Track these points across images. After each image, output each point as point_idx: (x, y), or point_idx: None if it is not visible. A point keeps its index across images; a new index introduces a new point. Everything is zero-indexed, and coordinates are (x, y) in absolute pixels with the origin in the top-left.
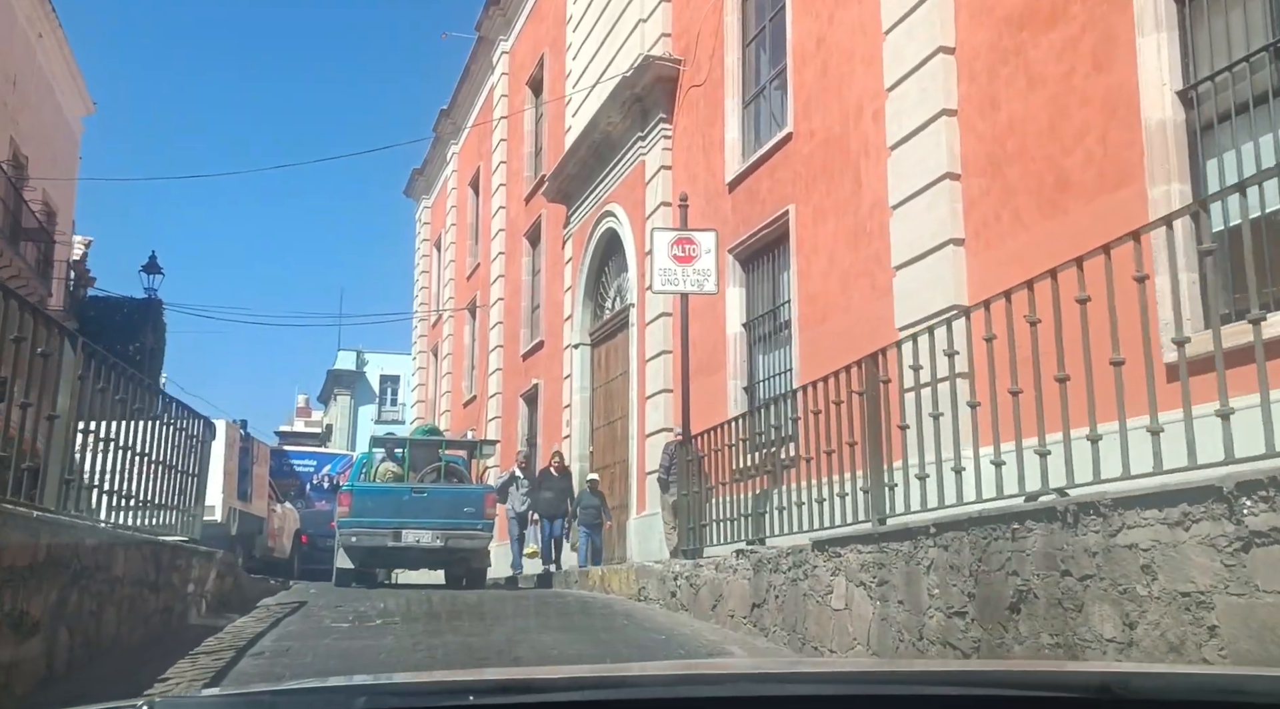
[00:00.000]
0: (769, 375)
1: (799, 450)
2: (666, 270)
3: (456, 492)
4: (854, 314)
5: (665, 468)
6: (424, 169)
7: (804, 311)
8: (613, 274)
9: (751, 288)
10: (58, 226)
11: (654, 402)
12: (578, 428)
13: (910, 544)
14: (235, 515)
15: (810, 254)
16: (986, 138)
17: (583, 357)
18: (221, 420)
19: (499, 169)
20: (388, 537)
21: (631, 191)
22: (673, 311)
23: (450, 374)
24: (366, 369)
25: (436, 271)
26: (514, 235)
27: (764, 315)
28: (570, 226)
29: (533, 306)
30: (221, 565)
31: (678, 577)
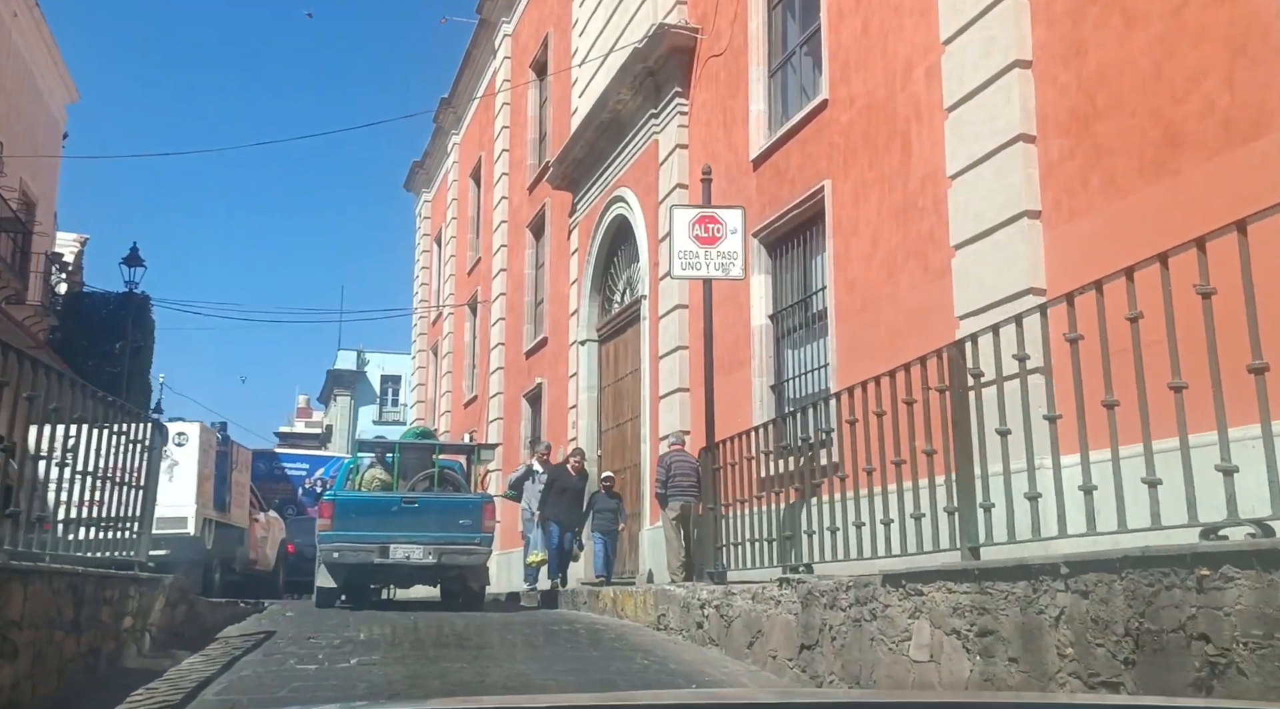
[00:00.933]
0: (799, 372)
1: (854, 460)
2: (687, 253)
3: (451, 502)
4: (903, 302)
5: (662, 482)
6: (424, 162)
7: (842, 300)
8: (622, 265)
9: (779, 275)
10: (37, 218)
11: (668, 402)
12: (585, 430)
13: (1028, 586)
14: (211, 527)
15: (849, 235)
16: (1070, 90)
17: (590, 354)
18: (195, 423)
19: (501, 158)
20: (373, 552)
21: (644, 174)
22: (689, 303)
23: (450, 373)
24: (367, 369)
25: (437, 267)
26: (516, 227)
27: (794, 306)
28: (576, 215)
29: (536, 302)
30: (171, 592)
31: (705, 605)
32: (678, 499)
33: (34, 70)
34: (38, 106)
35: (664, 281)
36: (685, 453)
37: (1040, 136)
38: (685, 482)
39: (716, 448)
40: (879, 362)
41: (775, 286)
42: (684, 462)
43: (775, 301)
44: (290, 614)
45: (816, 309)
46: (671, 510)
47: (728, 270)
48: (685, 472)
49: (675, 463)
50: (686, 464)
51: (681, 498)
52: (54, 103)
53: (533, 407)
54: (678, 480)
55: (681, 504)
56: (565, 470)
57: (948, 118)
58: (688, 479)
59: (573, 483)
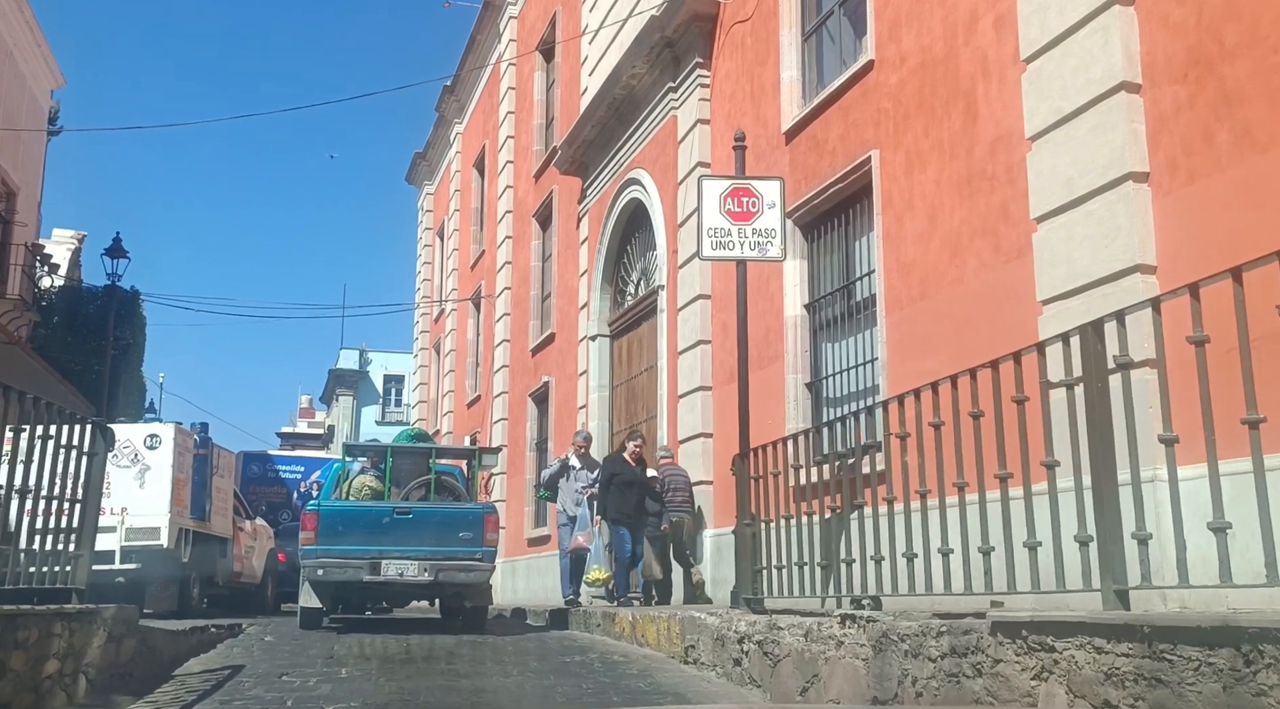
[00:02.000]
0: (840, 368)
1: (939, 472)
2: (718, 231)
3: (449, 512)
4: (969, 285)
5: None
6: (426, 153)
7: (893, 286)
8: (637, 253)
9: (816, 259)
10: (18, 209)
11: (689, 402)
12: (596, 431)
13: (1234, 654)
14: (189, 538)
15: (901, 212)
16: (1188, 29)
17: (601, 350)
18: (169, 424)
19: (506, 145)
20: (363, 569)
21: (660, 154)
22: (711, 293)
23: (453, 372)
24: (370, 369)
25: (439, 262)
26: (522, 217)
27: (833, 294)
28: (586, 201)
29: (543, 296)
30: (114, 624)
31: (744, 639)
32: (672, 513)
33: (15, 53)
34: (19, 91)
35: (684, 270)
36: (676, 467)
37: (1147, 85)
38: (679, 497)
39: (752, 454)
40: (941, 355)
41: (811, 272)
42: (676, 476)
43: (811, 289)
44: (269, 638)
45: (860, 297)
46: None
47: (764, 250)
48: (678, 486)
49: (669, 477)
50: (680, 479)
51: (675, 513)
52: (38, 88)
53: (539, 407)
54: (670, 496)
55: (675, 520)
56: (624, 460)
57: (1025, 70)
58: (681, 494)
59: (637, 475)
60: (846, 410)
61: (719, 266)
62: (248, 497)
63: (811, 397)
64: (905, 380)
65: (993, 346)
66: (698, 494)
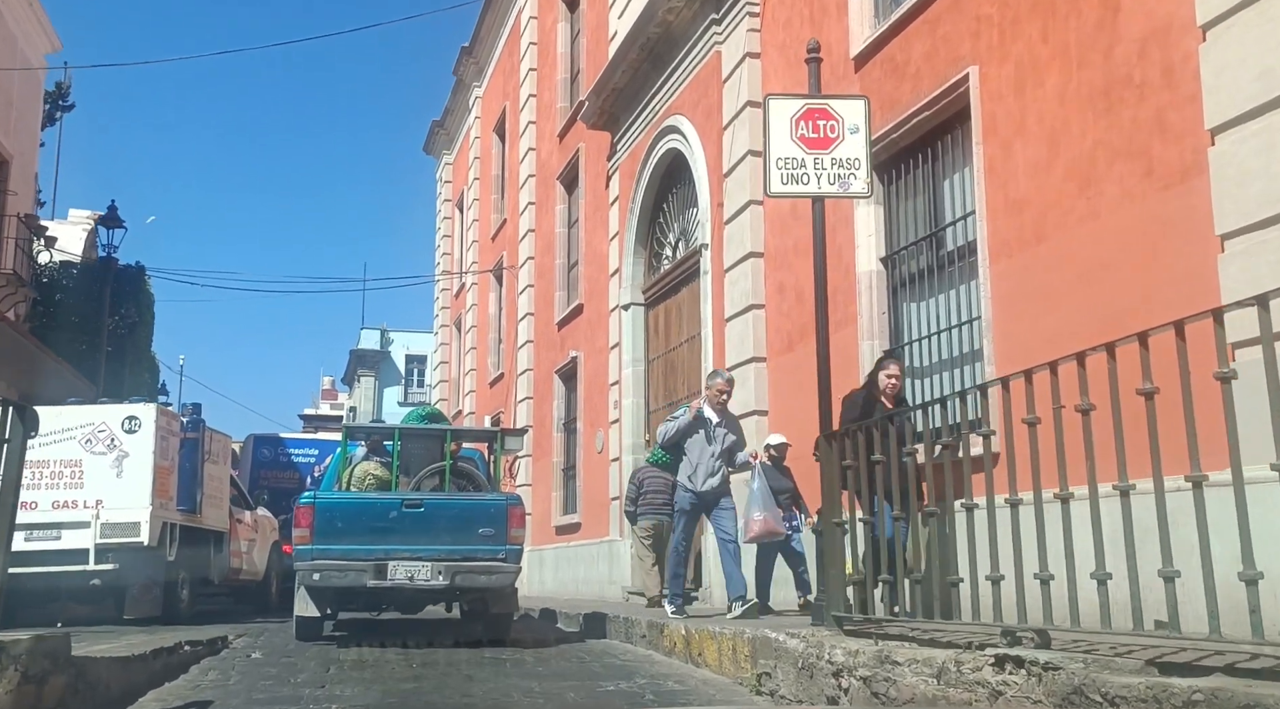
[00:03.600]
0: (927, 332)
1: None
2: (790, 162)
3: (467, 504)
4: (1107, 222)
5: (631, 499)
6: (444, 121)
7: (1000, 229)
8: (675, 211)
9: (894, 205)
10: (10, 178)
11: (738, 374)
12: (629, 410)
13: None
14: (175, 533)
15: (1009, 138)
16: None
17: (634, 320)
18: (149, 405)
19: (528, 104)
20: (366, 572)
21: (703, 96)
22: (765, 250)
23: (474, 350)
24: (391, 349)
25: (459, 234)
26: (546, 181)
27: (916, 244)
28: (617, 157)
29: (569, 264)
30: (32, 660)
31: (843, 672)
32: (649, 517)
33: (4, 12)
34: (9, 54)
35: (731, 226)
36: (658, 469)
37: None
38: (658, 499)
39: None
40: (1065, 310)
41: (889, 220)
42: (656, 477)
43: (889, 240)
44: (257, 655)
45: (954, 246)
46: (642, 529)
47: (846, 184)
48: (658, 488)
49: (648, 480)
50: (660, 481)
51: (654, 516)
52: (31, 51)
53: (566, 384)
54: (650, 497)
55: (654, 523)
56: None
57: None
58: (661, 497)
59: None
60: (936, 380)
61: (773, 219)
62: (259, 482)
63: None
64: (1018, 342)
65: (1145, 296)
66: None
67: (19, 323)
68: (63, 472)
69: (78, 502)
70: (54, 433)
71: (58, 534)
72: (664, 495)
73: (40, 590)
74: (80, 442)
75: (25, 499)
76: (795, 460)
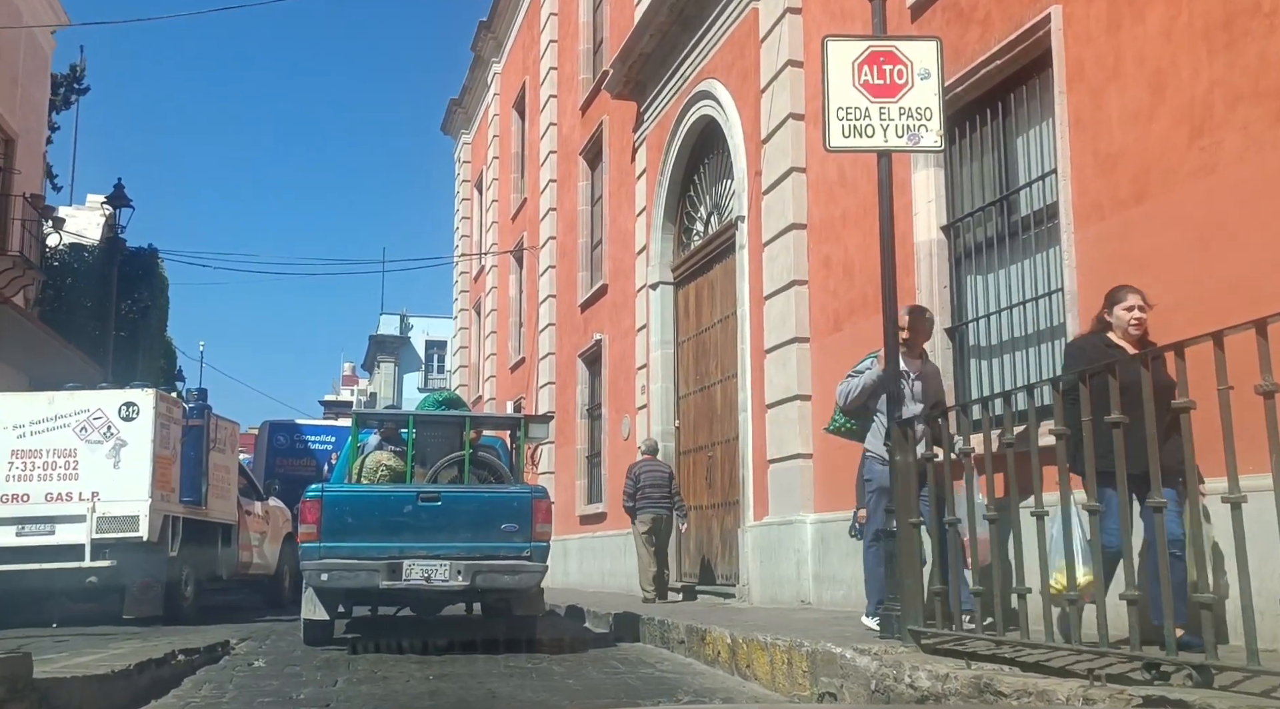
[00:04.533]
0: (995, 308)
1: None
2: (852, 111)
3: (489, 498)
4: (1225, 176)
5: (629, 494)
6: (462, 99)
7: (1088, 188)
8: (706, 183)
9: (957, 167)
10: (16, 156)
11: (779, 357)
12: (658, 395)
13: None
14: (178, 527)
15: (1101, 84)
16: None
17: (663, 300)
18: (148, 391)
19: (548, 78)
20: (378, 572)
21: (738, 58)
22: (808, 221)
23: (495, 334)
24: (411, 334)
25: (478, 216)
26: (568, 157)
27: (984, 210)
28: (644, 127)
29: (593, 243)
30: None
31: (929, 699)
32: (648, 512)
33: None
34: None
35: (770, 196)
36: (657, 462)
37: None
38: (656, 493)
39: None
40: (1171, 278)
41: (950, 184)
42: (654, 472)
43: (951, 207)
44: (260, 663)
45: (1028, 210)
46: (642, 523)
47: (916, 137)
48: (656, 482)
49: (645, 473)
50: (658, 475)
51: (652, 511)
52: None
53: (590, 368)
54: (647, 491)
55: (652, 517)
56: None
57: None
58: (659, 491)
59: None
60: (1007, 361)
61: (817, 187)
62: (275, 470)
63: (954, 346)
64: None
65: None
66: (790, 471)
67: (28, 307)
68: (56, 462)
69: (72, 494)
70: (46, 420)
71: (51, 528)
72: (661, 490)
73: (34, 589)
74: (75, 429)
75: (16, 491)
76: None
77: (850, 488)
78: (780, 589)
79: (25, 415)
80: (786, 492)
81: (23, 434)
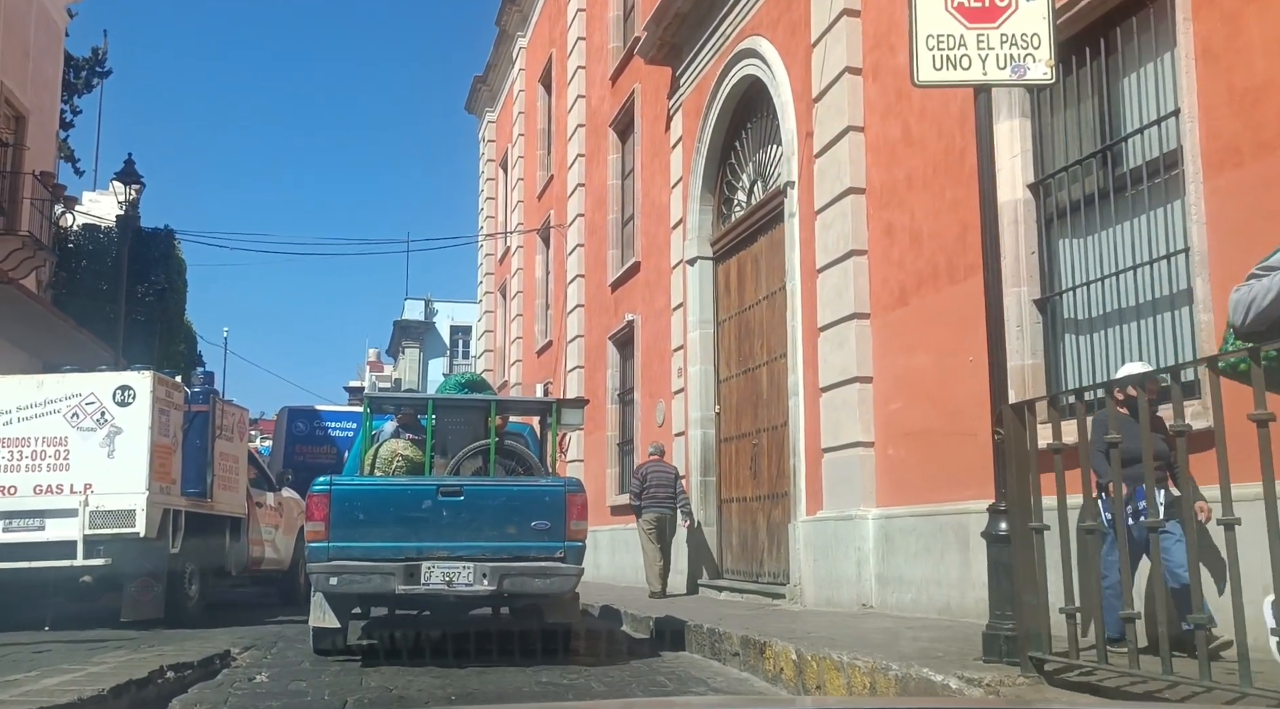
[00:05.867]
0: (1095, 276)
1: None
2: (945, 40)
3: (518, 491)
4: None
5: (635, 493)
6: (486, 76)
7: (1222, 131)
8: (749, 149)
9: (1047, 116)
10: (28, 133)
11: (835, 334)
12: (696, 379)
13: None
14: (179, 522)
15: (1238, 8)
16: None
17: (701, 276)
18: (145, 373)
19: (576, 48)
20: (394, 575)
21: (784, 11)
22: (867, 185)
23: (520, 317)
24: (436, 320)
25: (503, 196)
26: (597, 130)
27: (1080, 163)
28: (680, 93)
29: (624, 220)
30: None
31: None
32: (653, 511)
33: None
34: (27, 3)
35: (824, 158)
36: (662, 463)
37: None
38: (661, 493)
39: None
40: None
41: (1040, 136)
42: (660, 472)
43: (1041, 162)
44: (263, 678)
45: (1136, 162)
46: (646, 522)
47: (1022, 69)
48: (661, 482)
49: (651, 474)
50: (663, 476)
51: (657, 510)
52: (50, 2)
53: (621, 351)
54: (653, 491)
55: (657, 516)
56: None
57: None
58: (664, 491)
59: None
60: (1112, 335)
61: (878, 148)
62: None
63: (1044, 319)
64: None
65: None
66: (848, 461)
67: (41, 290)
68: (45, 451)
69: (63, 486)
70: (35, 405)
71: (40, 524)
72: (666, 489)
73: (25, 588)
74: (65, 416)
75: (3, 483)
76: (910, 439)
77: (920, 479)
78: (837, 590)
79: (12, 400)
80: (844, 483)
81: (9, 421)
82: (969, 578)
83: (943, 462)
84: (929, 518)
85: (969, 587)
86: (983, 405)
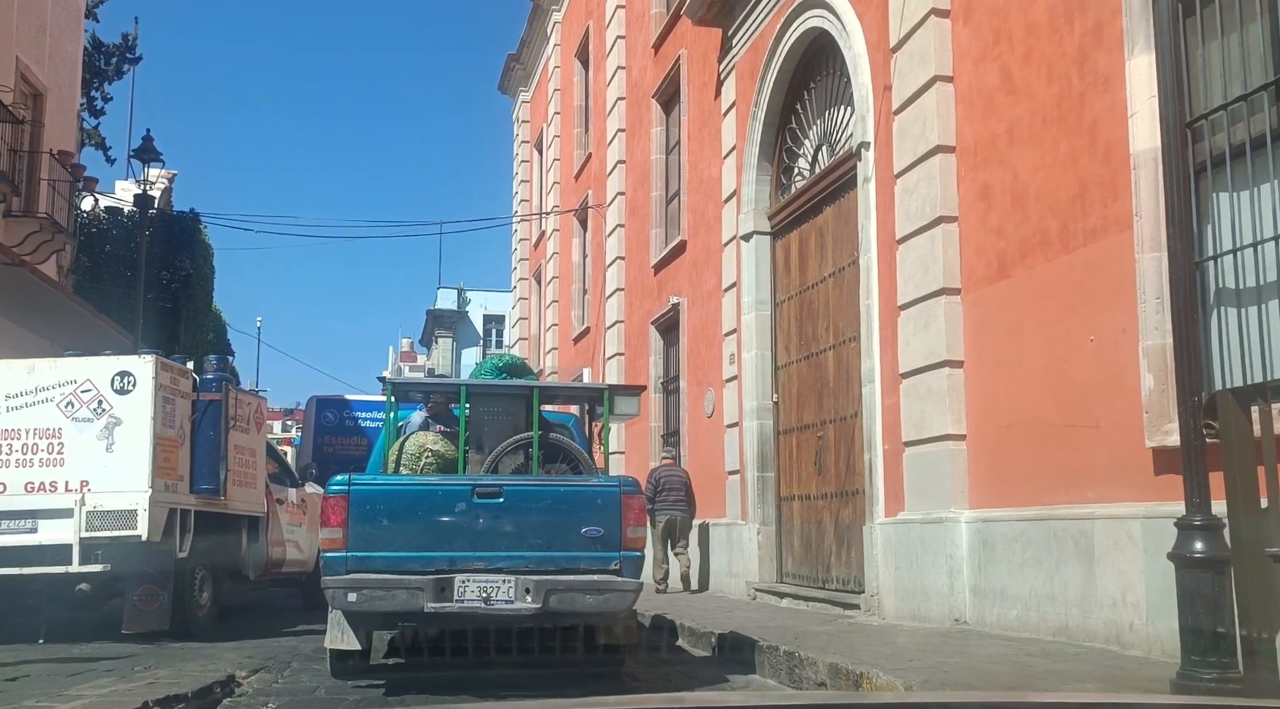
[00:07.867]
0: (1261, 237)
1: None
2: None
3: (566, 492)
4: None
5: (649, 497)
6: (520, 54)
7: None
8: (814, 110)
9: (1191, 50)
10: (46, 112)
11: (919, 313)
12: (750, 365)
13: None
14: (187, 522)
15: None
16: None
17: (757, 253)
18: (147, 357)
19: (615, 17)
20: (423, 591)
21: None
22: (957, 142)
23: (557, 303)
24: (469, 309)
25: (538, 178)
26: (639, 102)
27: (1238, 102)
28: (733, 53)
29: (668, 196)
30: None
31: None
32: (664, 513)
33: None
34: None
35: (905, 115)
36: (676, 467)
37: None
38: (673, 496)
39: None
40: None
41: (1180, 74)
42: (673, 476)
43: (1189, 104)
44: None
45: None
46: (656, 523)
47: None
48: (674, 486)
49: (664, 478)
50: (676, 479)
51: (668, 512)
52: None
53: (665, 336)
54: (665, 495)
55: (667, 518)
56: None
57: None
58: (675, 494)
59: None
60: (1272, 311)
61: (970, 98)
62: (323, 448)
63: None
64: None
65: None
66: (936, 456)
67: (61, 275)
68: (38, 444)
69: (57, 483)
70: (25, 394)
71: (33, 525)
72: (677, 493)
73: (17, 595)
74: (59, 405)
75: None
76: (1008, 432)
77: (1026, 478)
78: (924, 603)
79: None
80: (931, 482)
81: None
82: (1093, 595)
83: (1056, 458)
84: (1039, 523)
85: (1094, 606)
86: (1108, 392)
